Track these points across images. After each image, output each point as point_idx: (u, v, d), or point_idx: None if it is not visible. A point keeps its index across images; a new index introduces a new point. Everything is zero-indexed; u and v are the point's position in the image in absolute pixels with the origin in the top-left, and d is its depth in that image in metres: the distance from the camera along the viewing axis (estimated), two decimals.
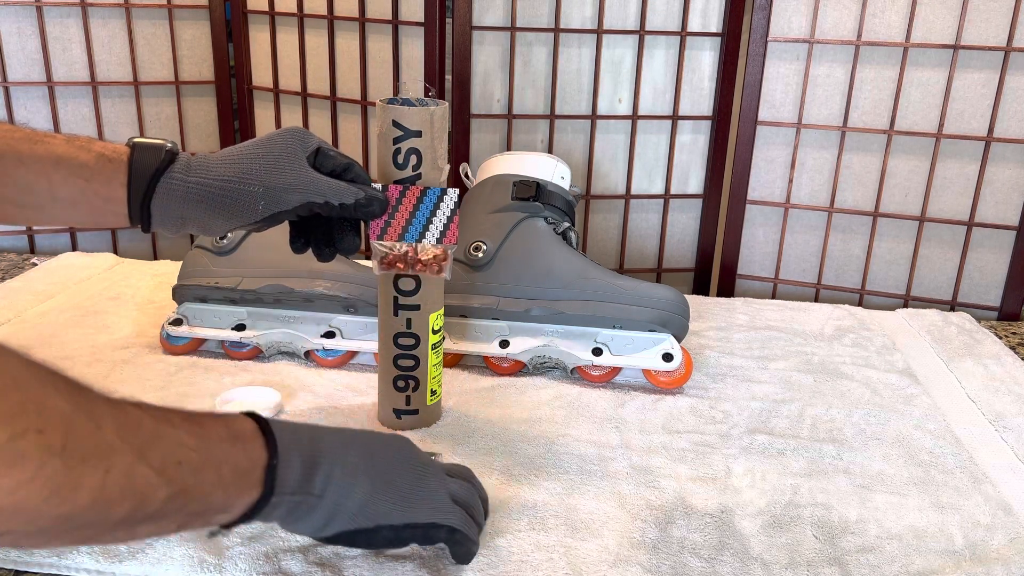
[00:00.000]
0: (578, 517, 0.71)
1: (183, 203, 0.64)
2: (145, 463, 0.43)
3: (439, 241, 0.70)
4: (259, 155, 0.66)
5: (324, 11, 1.36)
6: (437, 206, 0.71)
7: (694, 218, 1.40)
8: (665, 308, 0.93)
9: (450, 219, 0.69)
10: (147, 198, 0.64)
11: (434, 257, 0.69)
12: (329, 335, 0.96)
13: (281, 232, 0.99)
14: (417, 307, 0.80)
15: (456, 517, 0.60)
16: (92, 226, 0.66)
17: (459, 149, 1.32)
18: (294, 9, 1.39)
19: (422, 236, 0.69)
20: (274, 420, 0.54)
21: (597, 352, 0.94)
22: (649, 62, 1.32)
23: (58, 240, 1.43)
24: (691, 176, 1.38)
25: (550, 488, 0.75)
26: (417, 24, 1.27)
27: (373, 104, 1.34)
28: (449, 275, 0.73)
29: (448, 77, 1.32)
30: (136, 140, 0.66)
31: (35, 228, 1.41)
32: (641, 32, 1.30)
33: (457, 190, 0.73)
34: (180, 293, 0.98)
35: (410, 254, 0.70)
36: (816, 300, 1.36)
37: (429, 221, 0.70)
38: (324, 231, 0.71)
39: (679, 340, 0.94)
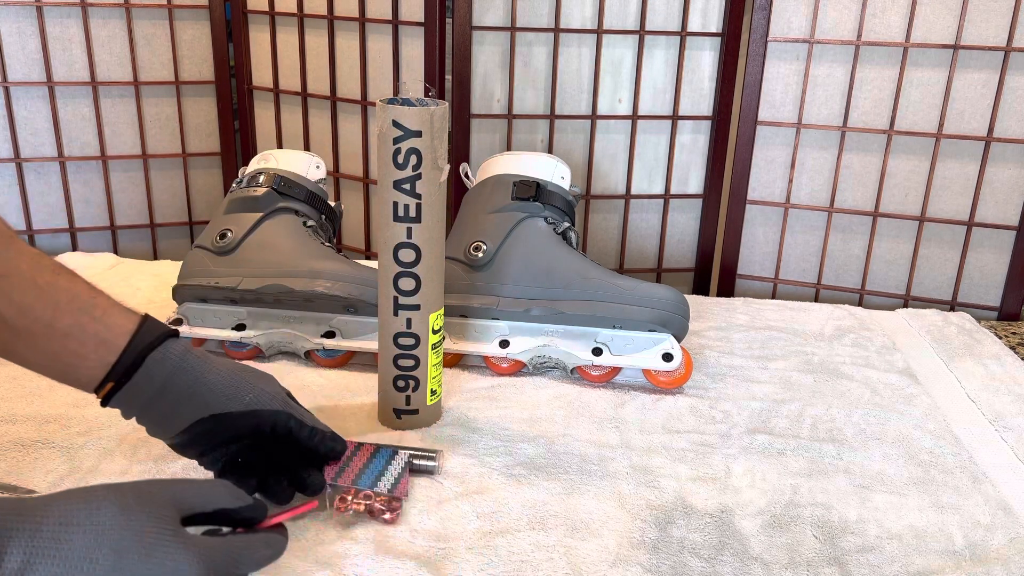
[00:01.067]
0: (578, 517, 0.71)
1: (176, 369, 0.63)
2: None
3: (390, 491, 0.71)
4: (252, 370, 0.68)
5: (324, 11, 1.36)
6: (388, 463, 0.73)
7: (694, 218, 1.40)
8: (665, 308, 0.93)
9: (401, 474, 0.72)
10: (150, 348, 0.63)
11: (389, 502, 0.70)
12: (329, 335, 0.96)
13: (281, 232, 0.99)
14: (417, 307, 0.80)
15: None
16: (58, 375, 0.63)
17: (459, 149, 1.32)
18: (294, 9, 1.39)
19: (374, 485, 0.71)
20: None
21: (597, 352, 0.94)
22: (649, 62, 1.32)
23: (58, 240, 1.43)
24: (691, 176, 1.38)
25: (550, 488, 0.75)
26: (417, 24, 1.27)
27: (373, 104, 1.34)
28: (398, 522, 0.71)
29: (448, 77, 1.32)
30: (147, 314, 0.66)
31: (35, 228, 1.41)
32: (641, 32, 1.30)
33: (408, 453, 0.75)
34: (180, 293, 0.98)
35: (364, 497, 0.71)
36: (816, 300, 1.36)
37: (381, 474, 0.72)
38: (287, 471, 0.68)
39: (679, 340, 0.94)
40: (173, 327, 0.66)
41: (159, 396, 0.63)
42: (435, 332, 0.82)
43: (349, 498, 0.69)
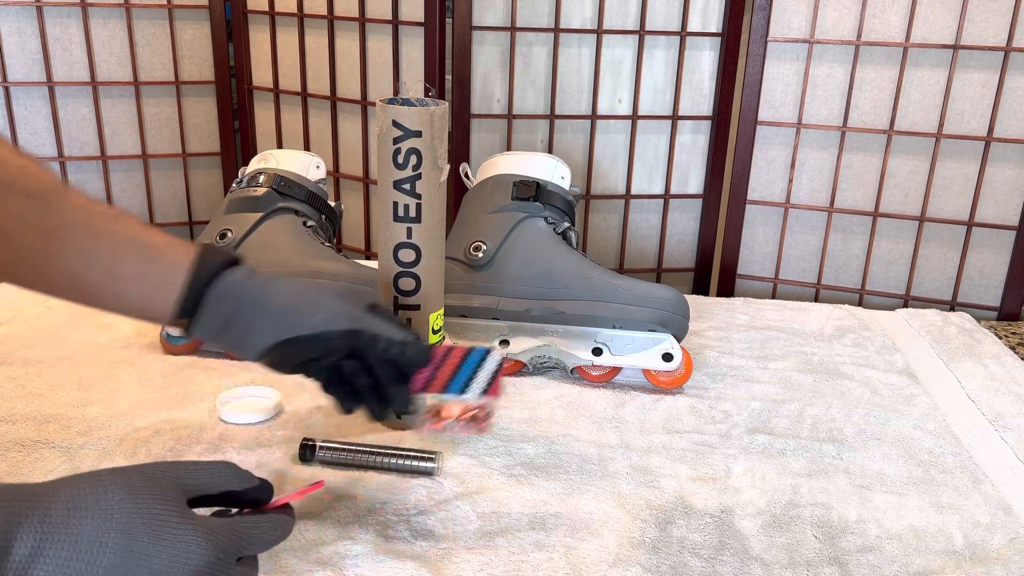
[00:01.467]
0: (578, 517, 0.71)
1: (239, 299, 0.63)
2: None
3: (482, 396, 0.69)
4: (320, 286, 0.68)
5: (324, 11, 1.36)
6: (480, 365, 0.70)
7: (694, 218, 1.40)
8: (665, 308, 0.93)
9: (493, 376, 0.70)
10: (207, 284, 0.63)
11: (478, 409, 0.70)
12: None
13: (281, 232, 0.99)
14: (417, 307, 0.80)
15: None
16: (133, 312, 0.64)
17: (459, 149, 1.32)
18: (294, 9, 1.39)
19: (464, 391, 0.69)
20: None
21: (597, 352, 0.94)
22: (649, 62, 1.32)
23: None
24: (691, 176, 1.38)
25: (550, 488, 0.75)
26: (417, 24, 1.27)
27: (373, 104, 1.34)
28: (489, 430, 0.75)
29: (448, 77, 1.32)
30: (208, 243, 0.67)
31: None
32: (641, 32, 1.30)
33: (503, 353, 0.72)
34: None
35: (453, 408, 0.71)
36: (816, 300, 1.36)
37: (472, 378, 0.69)
38: (371, 388, 0.67)
39: (679, 340, 0.94)
40: (231, 253, 0.66)
41: (227, 328, 0.63)
42: (435, 332, 0.82)
43: (441, 413, 0.71)
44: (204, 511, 0.52)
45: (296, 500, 0.59)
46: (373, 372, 0.66)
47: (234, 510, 0.55)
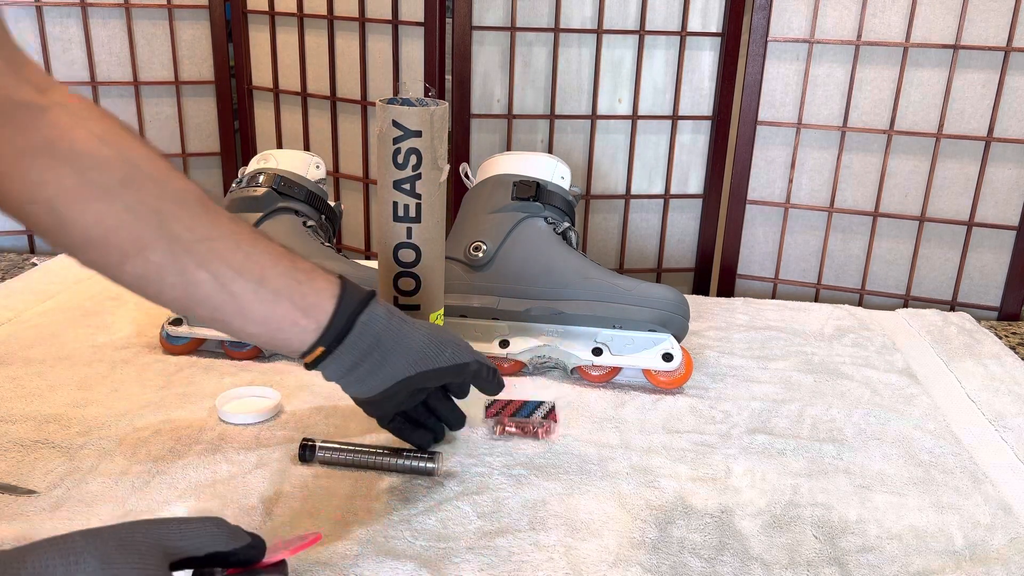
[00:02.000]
0: (578, 517, 0.71)
1: (383, 330, 0.65)
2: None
3: (543, 418, 0.86)
4: (442, 329, 0.72)
5: (324, 11, 1.36)
6: (537, 407, 0.87)
7: (694, 218, 1.40)
8: (665, 308, 0.93)
9: (551, 410, 0.87)
10: (358, 311, 0.64)
11: (541, 425, 0.84)
12: None
13: (281, 232, 0.99)
14: (417, 307, 0.80)
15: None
16: (268, 342, 0.64)
17: (459, 149, 1.32)
18: (294, 9, 1.39)
19: (529, 416, 0.86)
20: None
21: (597, 352, 0.93)
22: (649, 62, 1.32)
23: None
24: (691, 176, 1.38)
25: (550, 488, 0.75)
26: (417, 24, 1.27)
27: (373, 104, 1.34)
28: (550, 439, 0.84)
29: (448, 77, 1.32)
30: (344, 275, 0.67)
31: None
32: (641, 32, 1.30)
33: (553, 403, 0.88)
34: None
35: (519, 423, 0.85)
36: (816, 300, 1.36)
37: (533, 412, 0.87)
38: (425, 409, 0.76)
39: (679, 340, 0.94)
40: (371, 289, 0.68)
41: (366, 357, 0.65)
42: None
43: (506, 421, 0.84)
44: (184, 574, 0.49)
45: (291, 556, 0.56)
46: (434, 407, 0.76)
47: (218, 570, 0.51)
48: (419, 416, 0.76)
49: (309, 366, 0.66)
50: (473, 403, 0.89)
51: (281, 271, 0.62)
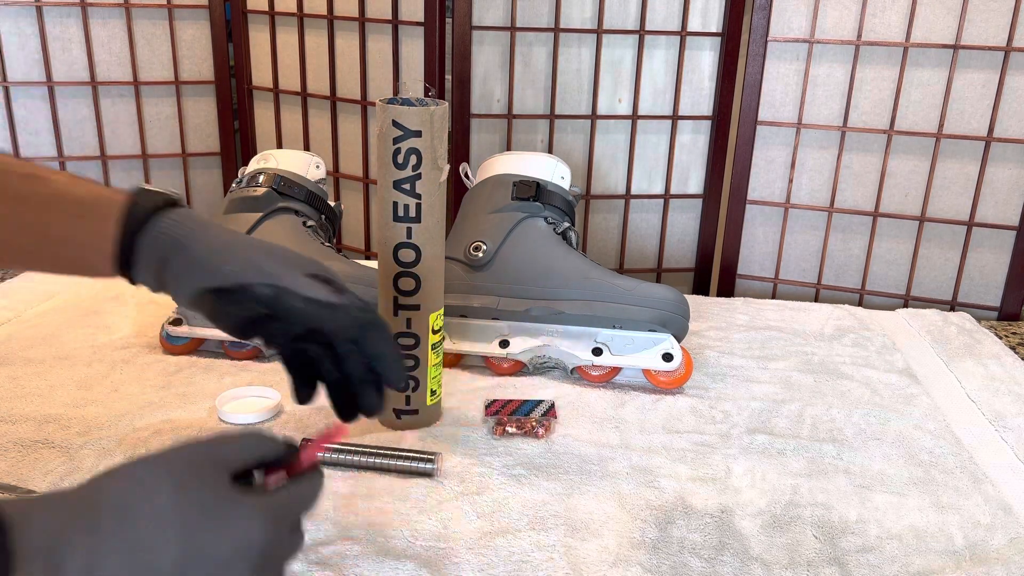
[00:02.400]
0: (578, 517, 0.71)
1: (169, 243, 0.60)
2: None
3: (542, 417, 0.86)
4: (260, 242, 0.63)
5: (324, 11, 1.36)
6: (535, 407, 0.88)
7: (694, 218, 1.40)
8: (665, 308, 0.93)
9: (550, 408, 0.88)
10: (137, 233, 0.60)
11: (539, 420, 0.85)
12: None
13: (281, 232, 0.99)
14: (417, 307, 0.80)
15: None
16: (75, 270, 0.62)
17: (459, 149, 1.32)
18: (294, 9, 1.39)
19: (527, 415, 0.86)
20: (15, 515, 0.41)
21: (597, 352, 0.93)
22: (649, 62, 1.32)
23: None
24: (691, 176, 1.38)
25: (550, 488, 0.75)
26: (417, 24, 1.27)
27: (373, 104, 1.34)
28: (547, 437, 0.84)
29: (448, 77, 1.32)
30: (141, 186, 0.63)
31: None
32: (641, 32, 1.30)
33: (553, 401, 0.89)
34: None
35: (517, 422, 0.85)
36: (816, 300, 1.36)
37: (532, 411, 0.87)
38: (338, 384, 0.62)
39: (679, 340, 0.94)
40: (165, 195, 0.62)
41: (161, 274, 0.61)
42: (435, 332, 0.82)
43: (506, 419, 0.84)
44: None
45: (323, 451, 0.58)
46: (342, 366, 0.60)
47: (257, 474, 0.51)
48: (321, 367, 0.60)
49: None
50: (473, 403, 0.89)
51: (61, 211, 0.60)
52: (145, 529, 0.42)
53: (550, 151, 1.34)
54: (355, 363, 0.60)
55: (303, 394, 0.61)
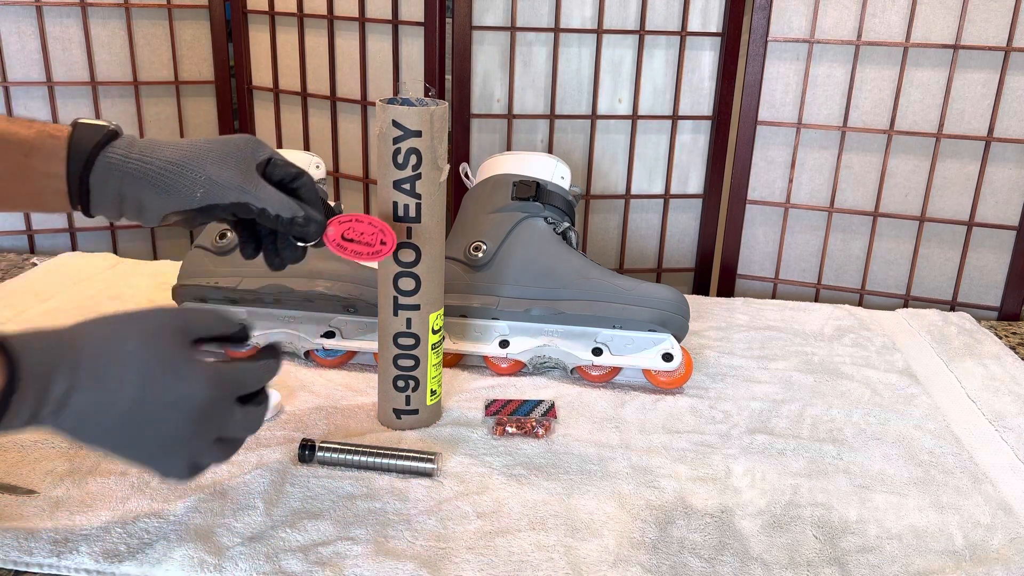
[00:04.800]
0: (578, 517, 0.71)
1: (121, 179, 0.64)
2: None
3: (542, 416, 0.87)
4: (208, 148, 0.66)
5: (324, 11, 1.36)
6: (536, 406, 0.88)
7: (694, 218, 1.40)
8: (665, 308, 0.93)
9: (549, 408, 0.88)
10: (86, 171, 0.64)
11: (538, 420, 0.86)
12: (329, 335, 0.96)
13: None
14: (417, 307, 0.80)
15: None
16: (33, 207, 0.65)
17: (459, 149, 1.32)
18: (294, 9, 1.39)
19: (527, 415, 0.86)
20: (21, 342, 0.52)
21: (597, 352, 0.94)
22: (649, 62, 1.32)
23: (58, 240, 1.43)
24: (691, 176, 1.38)
25: (550, 488, 0.75)
26: (417, 24, 1.27)
27: (373, 104, 1.34)
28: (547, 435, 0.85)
29: (448, 77, 1.32)
30: (79, 120, 0.66)
31: (35, 228, 1.41)
32: (641, 32, 1.30)
33: (553, 401, 0.89)
34: (180, 293, 0.98)
35: (517, 421, 0.86)
36: (816, 300, 1.36)
37: (532, 410, 0.87)
38: (271, 239, 0.72)
39: (679, 340, 0.94)
40: (104, 127, 0.65)
41: (122, 207, 0.66)
42: (435, 332, 0.82)
43: (505, 419, 0.84)
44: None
45: (342, 227, 0.70)
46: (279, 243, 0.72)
47: (216, 350, 0.62)
48: (260, 231, 0.72)
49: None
50: (473, 403, 0.89)
51: (5, 152, 0.63)
52: (112, 371, 0.53)
53: (550, 151, 1.34)
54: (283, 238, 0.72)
55: (247, 251, 0.72)
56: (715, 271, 1.42)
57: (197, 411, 0.56)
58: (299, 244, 0.72)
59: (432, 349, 0.82)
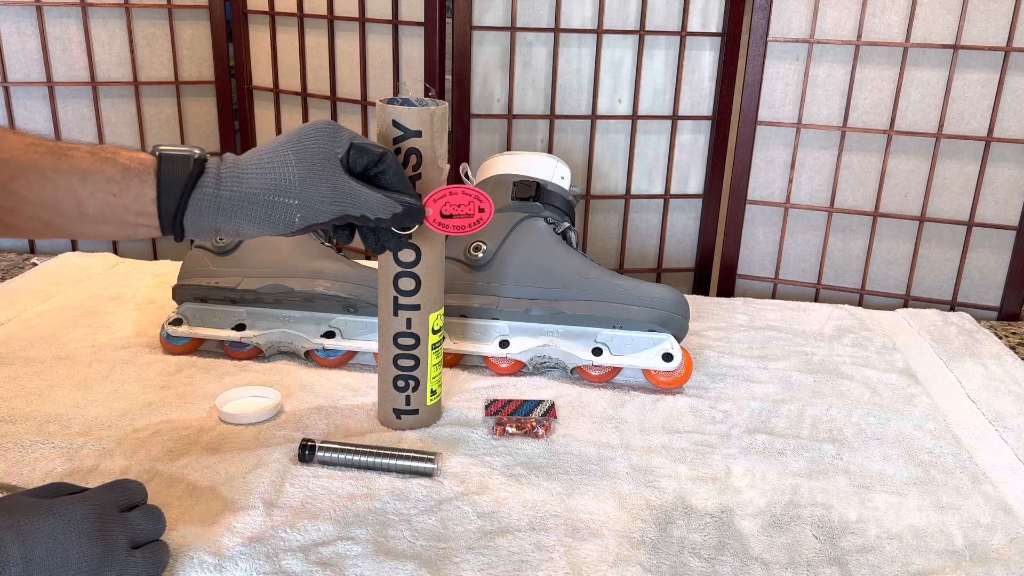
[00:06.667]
0: (578, 517, 0.71)
1: (215, 215, 0.63)
2: None
3: (542, 417, 0.87)
4: (293, 162, 0.64)
5: (324, 11, 1.36)
6: (536, 407, 0.88)
7: (694, 218, 1.40)
8: (665, 308, 0.93)
9: (549, 408, 0.88)
10: (179, 213, 0.62)
11: (538, 420, 0.86)
12: (329, 335, 0.96)
13: None
14: (417, 307, 0.80)
15: None
16: (125, 237, 0.65)
17: (459, 149, 1.32)
18: (294, 9, 1.39)
19: (528, 415, 0.86)
20: None
21: (597, 352, 0.93)
22: (649, 62, 1.32)
23: (58, 240, 1.43)
24: (691, 176, 1.38)
25: (550, 488, 0.75)
26: (417, 24, 1.27)
27: (373, 104, 1.34)
28: (547, 436, 0.85)
29: (448, 77, 1.32)
30: (162, 150, 0.64)
31: None
32: (641, 32, 1.30)
33: (553, 401, 0.89)
34: (180, 293, 0.98)
35: (517, 422, 0.86)
36: (816, 300, 1.36)
37: (532, 411, 0.87)
38: (370, 228, 0.71)
39: (679, 340, 0.94)
40: (189, 159, 0.63)
41: (220, 234, 0.65)
42: (435, 332, 0.82)
43: (505, 419, 0.84)
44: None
45: (433, 206, 0.72)
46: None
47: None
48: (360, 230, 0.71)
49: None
50: (473, 403, 0.89)
51: (94, 188, 0.61)
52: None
53: (550, 151, 1.34)
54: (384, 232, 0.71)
55: (343, 236, 0.69)
56: (715, 271, 1.42)
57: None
58: (400, 233, 0.72)
59: (432, 349, 0.82)
